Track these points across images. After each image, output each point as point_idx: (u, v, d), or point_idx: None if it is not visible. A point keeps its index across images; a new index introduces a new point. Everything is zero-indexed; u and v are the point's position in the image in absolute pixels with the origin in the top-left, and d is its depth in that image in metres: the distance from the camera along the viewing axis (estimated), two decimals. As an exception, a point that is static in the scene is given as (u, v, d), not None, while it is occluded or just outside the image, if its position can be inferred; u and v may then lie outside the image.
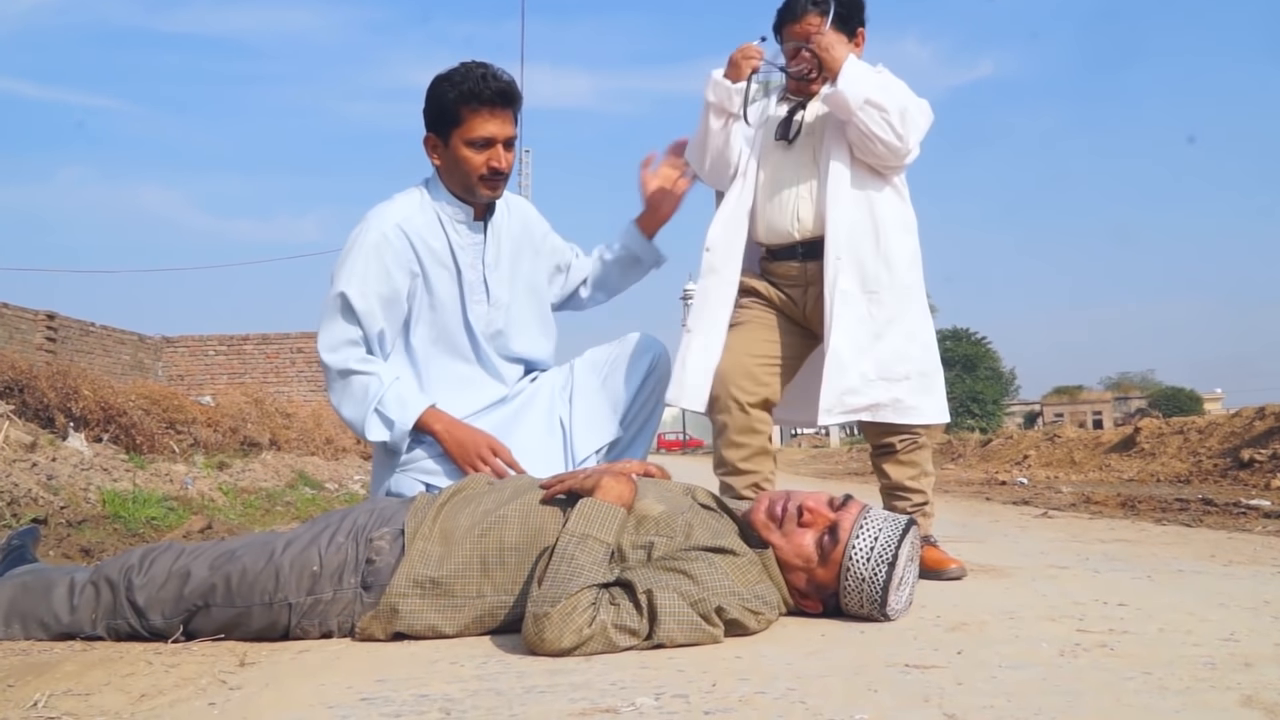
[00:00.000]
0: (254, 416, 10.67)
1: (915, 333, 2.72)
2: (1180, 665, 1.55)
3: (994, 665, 1.56)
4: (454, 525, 1.91)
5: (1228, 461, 9.22)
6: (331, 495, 7.36)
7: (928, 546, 2.63)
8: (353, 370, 2.46)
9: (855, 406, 2.66)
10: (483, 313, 2.62)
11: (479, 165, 2.48)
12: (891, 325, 2.68)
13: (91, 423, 7.23)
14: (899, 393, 2.67)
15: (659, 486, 2.05)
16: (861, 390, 2.65)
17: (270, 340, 18.85)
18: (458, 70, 2.46)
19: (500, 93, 2.44)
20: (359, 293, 2.45)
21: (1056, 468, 12.07)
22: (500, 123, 2.47)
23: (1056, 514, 5.52)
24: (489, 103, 2.44)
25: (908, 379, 2.68)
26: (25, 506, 3.79)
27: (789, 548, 1.94)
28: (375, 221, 2.51)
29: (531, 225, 2.80)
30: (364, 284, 2.46)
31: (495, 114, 2.46)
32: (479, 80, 2.42)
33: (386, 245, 2.48)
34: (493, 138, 2.46)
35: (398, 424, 2.45)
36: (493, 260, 2.63)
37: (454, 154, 2.49)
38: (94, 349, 16.57)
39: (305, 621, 1.86)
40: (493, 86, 2.43)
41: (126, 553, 1.98)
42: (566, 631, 1.65)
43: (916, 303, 2.74)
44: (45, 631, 1.90)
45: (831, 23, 2.64)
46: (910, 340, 2.70)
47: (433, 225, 2.55)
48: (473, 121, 2.44)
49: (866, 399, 2.66)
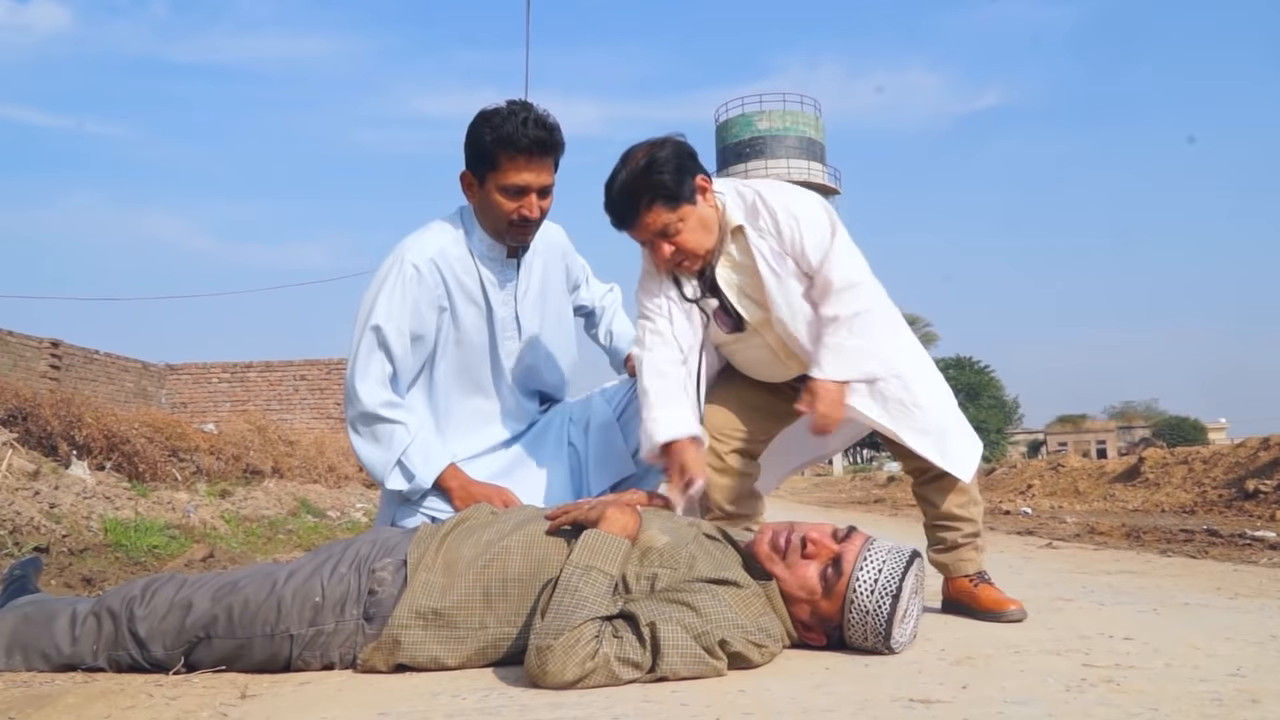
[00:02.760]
0: (257, 444, 10.65)
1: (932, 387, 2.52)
2: (1187, 701, 1.54)
3: (999, 701, 1.55)
4: (457, 556, 1.91)
5: (1232, 492, 9.18)
6: (334, 523, 7.34)
7: (984, 585, 2.48)
8: (381, 417, 2.42)
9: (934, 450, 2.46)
10: (514, 349, 2.61)
11: (510, 212, 2.42)
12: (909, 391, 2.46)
13: (95, 451, 7.23)
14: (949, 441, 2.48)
15: (663, 518, 2.04)
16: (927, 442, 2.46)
17: (274, 368, 18.86)
18: (500, 111, 2.39)
19: (539, 141, 2.37)
20: (395, 329, 2.42)
21: (1061, 497, 12.02)
22: (536, 172, 2.40)
23: (1061, 544, 5.50)
24: (526, 151, 2.36)
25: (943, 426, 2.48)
26: (27, 535, 3.79)
27: (792, 580, 1.93)
28: (410, 254, 2.46)
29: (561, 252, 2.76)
30: (399, 320, 2.42)
31: (532, 163, 2.39)
32: (518, 126, 2.35)
33: (420, 281, 2.44)
34: (526, 186, 2.40)
35: (418, 479, 2.43)
36: (523, 294, 2.61)
37: (487, 197, 2.44)
38: (98, 376, 16.60)
39: (307, 653, 1.86)
40: (531, 135, 2.35)
41: (128, 583, 1.98)
42: (569, 664, 1.64)
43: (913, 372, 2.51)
44: (47, 663, 1.90)
45: (667, 205, 2.35)
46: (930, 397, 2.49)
47: (465, 260, 2.51)
48: (508, 169, 2.38)
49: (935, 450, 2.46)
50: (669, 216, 2.37)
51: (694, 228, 2.41)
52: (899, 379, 2.44)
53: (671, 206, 2.37)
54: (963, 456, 2.48)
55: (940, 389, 2.54)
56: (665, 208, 2.36)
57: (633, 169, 2.36)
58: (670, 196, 2.36)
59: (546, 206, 2.47)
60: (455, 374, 2.58)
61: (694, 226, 2.41)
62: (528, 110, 2.38)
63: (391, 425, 2.43)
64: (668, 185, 2.35)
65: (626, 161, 2.38)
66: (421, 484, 2.44)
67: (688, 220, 2.39)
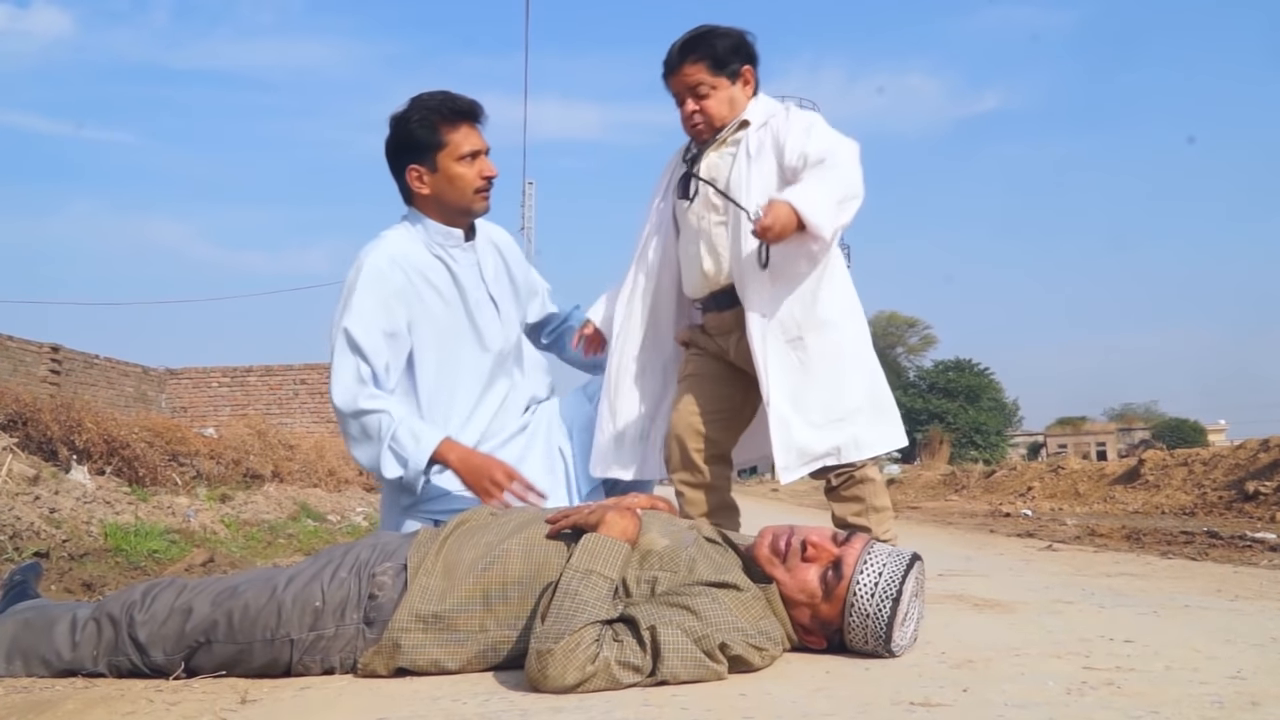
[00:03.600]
0: (256, 448, 10.64)
1: (852, 365, 2.62)
2: (1188, 704, 1.54)
3: (1000, 704, 1.55)
4: (457, 559, 1.91)
5: (1232, 494, 9.18)
6: (334, 527, 7.34)
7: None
8: (363, 410, 2.45)
9: (816, 455, 2.57)
10: (497, 329, 2.65)
11: (473, 178, 2.56)
12: (824, 362, 2.57)
13: (94, 455, 7.22)
14: (854, 430, 2.57)
15: (663, 521, 2.04)
16: (814, 440, 2.56)
17: (274, 372, 18.86)
18: (416, 102, 2.55)
19: (471, 106, 2.56)
20: (362, 328, 2.46)
21: (1061, 500, 12.02)
22: (479, 135, 2.59)
23: (1061, 547, 5.50)
24: (465, 116, 2.55)
25: (860, 411, 2.59)
26: (27, 540, 3.79)
27: (792, 583, 1.93)
28: (369, 259, 2.54)
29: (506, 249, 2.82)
30: (366, 318, 2.47)
31: (473, 127, 2.57)
32: (447, 100, 2.53)
33: (383, 280, 2.51)
34: (478, 149, 2.56)
35: (411, 461, 2.43)
36: (489, 273, 2.68)
37: (445, 174, 2.55)
38: (98, 381, 16.60)
39: (307, 658, 1.85)
40: (462, 103, 2.55)
41: (128, 589, 1.98)
42: (570, 668, 1.64)
43: (844, 331, 2.63)
44: (47, 668, 1.89)
45: (710, 68, 2.60)
46: (849, 374, 2.60)
47: (423, 255, 2.58)
48: (456, 139, 2.54)
49: (824, 445, 2.57)
50: (706, 78, 2.61)
51: (721, 100, 2.63)
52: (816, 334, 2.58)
53: (713, 71, 2.61)
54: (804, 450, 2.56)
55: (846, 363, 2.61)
56: (707, 69, 2.61)
57: (701, 29, 2.64)
58: (717, 63, 2.61)
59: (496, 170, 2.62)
60: (437, 372, 2.58)
61: (722, 99, 2.63)
62: (442, 91, 2.56)
63: (375, 415, 2.44)
64: (718, 52, 2.61)
65: (696, 26, 2.66)
66: (416, 465, 2.42)
67: (719, 90, 2.62)
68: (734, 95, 2.64)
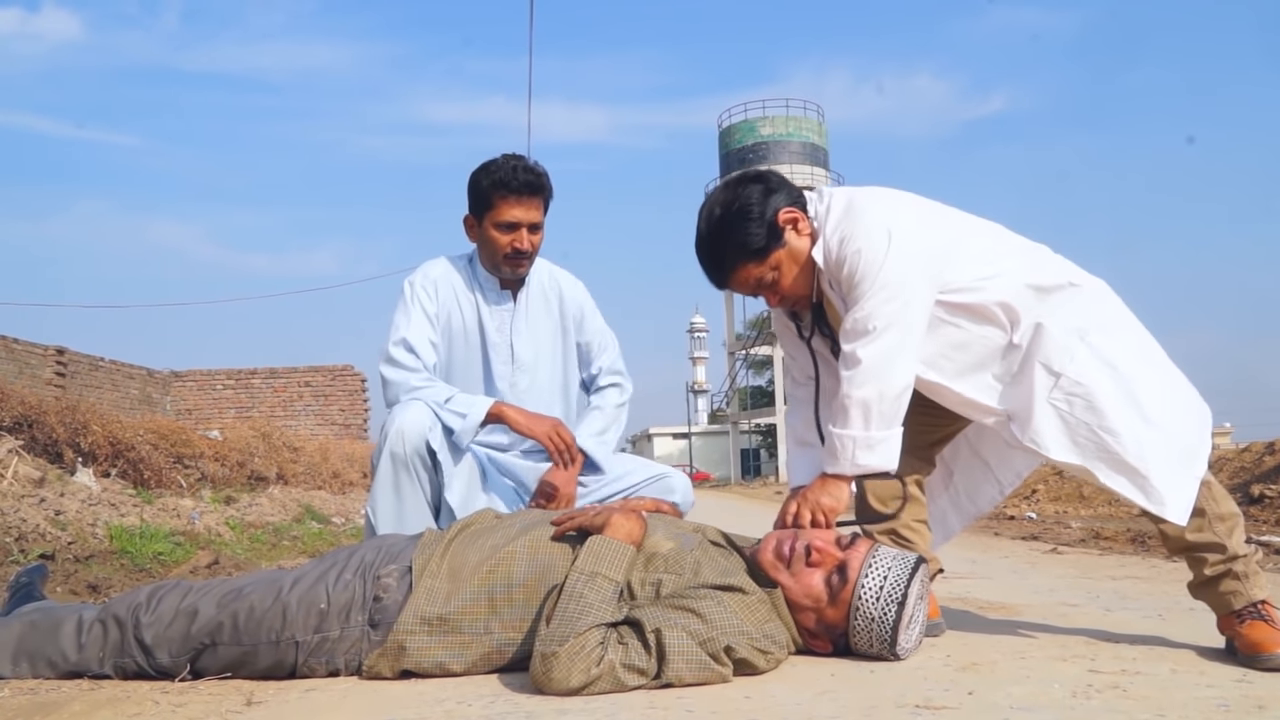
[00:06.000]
0: (261, 450, 10.66)
1: (1130, 408, 2.08)
2: (1194, 707, 1.54)
3: (1005, 707, 1.55)
4: (462, 561, 1.91)
5: (1238, 497, 9.15)
6: (338, 529, 7.35)
7: (1254, 622, 1.98)
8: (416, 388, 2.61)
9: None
10: (506, 372, 2.79)
11: (504, 245, 2.71)
12: (1094, 413, 2.06)
13: (100, 458, 7.24)
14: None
15: (669, 524, 2.04)
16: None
17: (278, 374, 18.90)
18: (495, 161, 2.73)
19: (528, 184, 2.69)
20: (417, 335, 2.69)
21: (1066, 502, 11.99)
22: (526, 209, 2.71)
23: (1066, 550, 5.49)
24: (517, 191, 2.68)
25: (1144, 456, 2.05)
26: (33, 542, 3.80)
27: (797, 588, 1.93)
28: (417, 277, 2.80)
29: (570, 302, 2.92)
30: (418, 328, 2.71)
31: (522, 201, 2.70)
32: (510, 171, 2.68)
33: (425, 295, 2.76)
34: (517, 222, 2.70)
35: (470, 416, 2.55)
36: (519, 325, 2.83)
37: (485, 234, 2.73)
38: (103, 384, 16.62)
39: (312, 660, 1.86)
40: (521, 178, 2.68)
41: (134, 591, 1.99)
42: (574, 671, 1.64)
43: (1113, 382, 2.09)
44: (53, 670, 1.90)
45: (757, 261, 2.15)
46: (1129, 417, 2.07)
47: (463, 287, 2.81)
48: (501, 207, 2.69)
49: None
50: (760, 270, 2.17)
51: (789, 275, 2.19)
52: (1083, 399, 2.05)
53: (759, 259, 2.15)
54: (1169, 492, 2.02)
55: (1152, 407, 2.07)
56: (753, 262, 2.16)
57: (709, 227, 2.18)
58: (756, 250, 2.14)
59: (537, 242, 2.76)
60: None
61: (791, 270, 2.18)
62: (519, 160, 2.73)
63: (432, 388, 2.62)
64: (748, 238, 2.13)
65: (703, 218, 2.20)
66: (475, 418, 2.55)
67: (782, 266, 2.17)
68: (795, 252, 2.17)
